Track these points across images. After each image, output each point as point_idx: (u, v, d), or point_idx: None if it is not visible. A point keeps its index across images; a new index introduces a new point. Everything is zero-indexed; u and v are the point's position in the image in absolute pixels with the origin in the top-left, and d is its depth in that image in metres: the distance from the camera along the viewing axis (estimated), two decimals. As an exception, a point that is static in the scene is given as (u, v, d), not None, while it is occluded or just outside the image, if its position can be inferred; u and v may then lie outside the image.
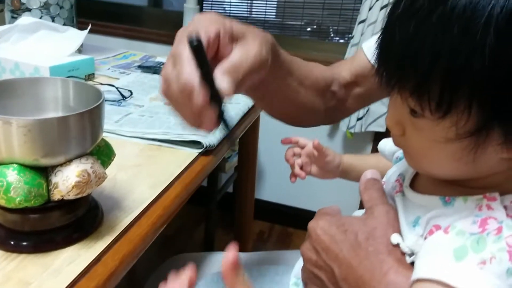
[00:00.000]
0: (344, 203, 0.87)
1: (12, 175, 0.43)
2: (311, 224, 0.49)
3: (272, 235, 1.99)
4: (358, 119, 1.69)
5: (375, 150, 0.64)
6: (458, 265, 0.35)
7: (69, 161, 0.46)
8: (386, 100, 0.54)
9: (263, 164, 1.99)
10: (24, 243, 0.48)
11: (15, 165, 0.43)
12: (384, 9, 1.59)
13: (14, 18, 1.12)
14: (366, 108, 1.68)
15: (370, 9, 1.61)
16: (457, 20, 0.33)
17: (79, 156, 0.46)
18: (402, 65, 0.38)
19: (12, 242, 0.48)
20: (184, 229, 1.94)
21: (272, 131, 1.93)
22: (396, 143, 0.46)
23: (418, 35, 0.35)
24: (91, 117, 0.46)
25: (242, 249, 1.45)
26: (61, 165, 0.45)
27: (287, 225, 2.04)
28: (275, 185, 2.02)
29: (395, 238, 0.44)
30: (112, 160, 0.53)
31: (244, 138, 1.29)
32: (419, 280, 0.37)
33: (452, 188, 0.43)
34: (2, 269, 0.45)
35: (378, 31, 1.60)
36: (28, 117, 0.42)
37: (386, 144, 0.63)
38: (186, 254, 0.84)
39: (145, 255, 0.57)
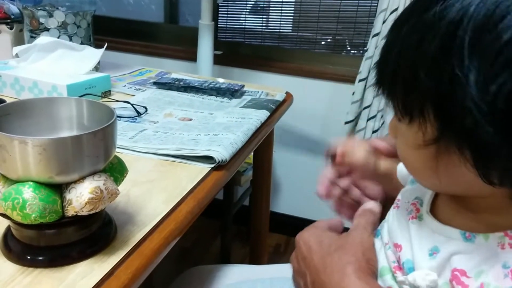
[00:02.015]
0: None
1: (27, 192, 0.44)
2: (297, 236, 0.55)
3: (289, 248, 1.99)
4: (374, 131, 1.68)
5: None
6: None
7: (82, 178, 0.47)
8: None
9: (279, 177, 2.00)
10: (40, 258, 0.50)
11: (31, 183, 0.45)
12: (398, 21, 1.59)
13: (32, 38, 1.15)
14: (382, 121, 1.68)
15: (383, 22, 1.61)
16: (415, 34, 0.37)
17: (92, 173, 0.48)
18: (381, 71, 0.42)
19: (28, 257, 0.50)
20: (200, 242, 1.95)
21: (287, 144, 1.95)
22: (394, 147, 0.49)
23: (393, 43, 0.40)
24: (104, 136, 0.48)
25: (257, 261, 1.46)
26: (74, 182, 0.47)
27: (304, 238, 2.03)
28: (292, 198, 2.02)
29: (400, 276, 0.46)
30: (125, 176, 0.55)
31: (258, 152, 1.30)
32: None
33: (473, 220, 0.43)
34: (18, 283, 0.47)
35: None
36: (43, 137, 0.44)
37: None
38: (202, 267, 0.85)
39: (162, 267, 0.58)
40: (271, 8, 1.97)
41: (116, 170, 0.53)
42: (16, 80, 1.00)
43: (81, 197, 0.46)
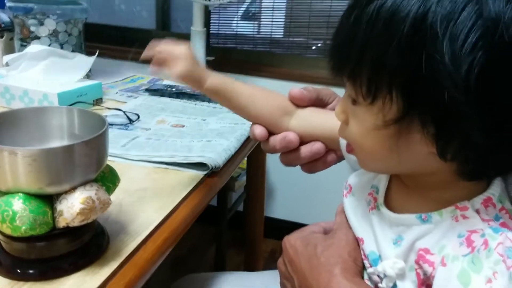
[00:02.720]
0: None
1: (17, 204, 0.44)
2: (284, 239, 0.55)
3: (284, 253, 1.98)
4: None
5: None
6: None
7: (73, 189, 0.46)
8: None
9: (273, 183, 1.99)
10: (31, 271, 0.49)
11: (21, 194, 0.44)
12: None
13: (23, 46, 1.14)
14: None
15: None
16: (383, 14, 0.37)
17: (83, 183, 0.47)
18: (341, 51, 0.42)
19: (18, 271, 0.49)
20: (195, 249, 1.94)
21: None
22: (340, 132, 0.49)
23: (355, 25, 0.39)
24: (95, 145, 0.47)
25: (253, 268, 1.45)
26: (65, 192, 0.46)
27: (299, 243, 2.02)
28: (286, 203, 2.01)
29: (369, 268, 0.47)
30: (117, 185, 0.54)
31: (252, 156, 1.29)
32: None
33: (425, 200, 0.45)
34: (9, 297, 0.46)
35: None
36: (33, 147, 0.43)
37: None
38: (197, 275, 0.84)
39: (157, 275, 0.58)
40: (262, 14, 1.97)
41: (108, 179, 0.52)
42: (6, 89, 0.99)
43: (72, 207, 0.45)
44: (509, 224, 0.40)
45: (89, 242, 0.52)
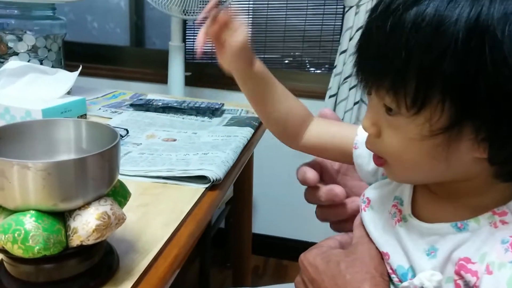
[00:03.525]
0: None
1: (29, 222, 0.40)
2: (300, 257, 0.53)
3: (267, 269, 1.96)
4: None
5: None
6: None
7: (87, 204, 0.44)
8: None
9: (255, 197, 1.97)
10: (39, 295, 0.45)
11: (33, 212, 0.41)
12: (365, 38, 1.63)
13: (1, 63, 1.09)
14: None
15: (350, 39, 1.65)
16: (429, 20, 0.36)
17: (97, 198, 0.45)
18: (380, 62, 0.40)
19: (26, 295, 0.45)
20: (177, 269, 1.89)
21: (265, 165, 1.93)
22: (371, 145, 0.47)
23: (394, 33, 0.38)
24: (109, 157, 0.45)
25: (242, 284, 1.41)
26: (79, 208, 0.43)
27: (282, 257, 2.01)
28: (268, 218, 1.99)
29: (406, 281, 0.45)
30: (128, 200, 0.52)
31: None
32: None
33: (458, 208, 0.43)
34: (18, 324, 0.42)
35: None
36: (46, 160, 0.40)
37: (371, 158, 0.56)
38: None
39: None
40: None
41: (119, 194, 0.50)
42: (-15, 106, 0.94)
43: (87, 224, 0.43)
44: None
45: (99, 262, 0.49)
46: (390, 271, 0.47)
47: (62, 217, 0.44)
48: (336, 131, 0.59)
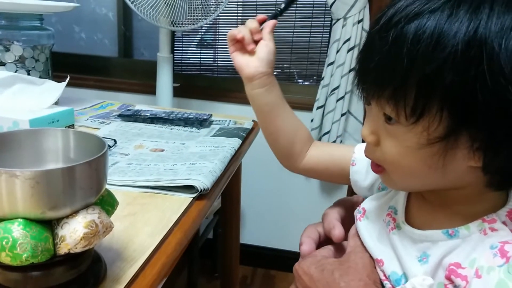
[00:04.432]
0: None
1: (17, 230, 0.41)
2: (295, 266, 0.53)
3: (255, 279, 1.95)
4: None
5: (351, 188, 0.63)
6: None
7: (75, 213, 0.44)
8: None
9: (243, 208, 1.98)
10: (26, 304, 0.45)
11: (20, 220, 0.41)
12: (351, 51, 1.66)
13: (-13, 73, 1.09)
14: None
15: (337, 51, 1.67)
16: (429, 33, 0.38)
17: (84, 207, 0.45)
18: (381, 73, 0.41)
19: (12, 303, 0.45)
20: (164, 281, 1.87)
21: (253, 176, 1.94)
22: (369, 153, 0.48)
23: (396, 44, 0.39)
24: (97, 166, 0.45)
25: (230, 295, 1.41)
26: (67, 217, 0.44)
27: (270, 267, 2.01)
28: (256, 229, 2.00)
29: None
30: (116, 209, 0.52)
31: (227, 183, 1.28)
32: None
33: (450, 216, 0.45)
34: (4, 333, 0.42)
35: (346, 72, 1.67)
36: (34, 169, 0.41)
37: (367, 174, 0.60)
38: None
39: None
40: (218, 43, 1.99)
41: (106, 203, 0.50)
42: (-29, 117, 0.94)
43: (75, 232, 0.43)
44: None
45: (86, 271, 0.49)
46: (383, 277, 0.48)
47: (49, 225, 0.44)
48: (334, 150, 0.64)
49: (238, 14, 1.91)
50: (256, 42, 0.62)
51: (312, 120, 1.77)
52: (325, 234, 0.60)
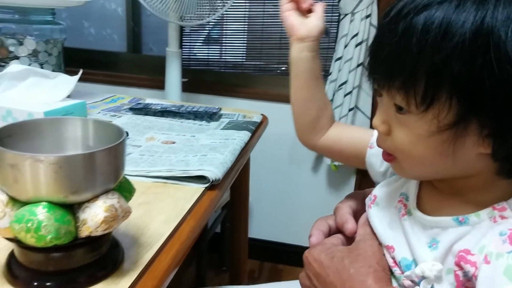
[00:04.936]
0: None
1: (42, 213, 0.43)
2: (305, 253, 0.55)
3: (263, 273, 1.97)
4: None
5: (359, 182, 0.65)
6: None
7: (96, 197, 0.46)
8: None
9: (251, 202, 1.99)
10: (48, 284, 0.47)
11: (44, 203, 0.43)
12: (359, 46, 1.67)
13: (1, 67, 1.11)
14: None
15: (345, 46, 1.68)
16: (438, 24, 0.39)
17: (104, 192, 0.47)
18: (392, 63, 0.43)
19: (35, 284, 0.47)
20: (172, 273, 1.90)
21: (261, 170, 1.95)
22: (381, 143, 0.50)
23: (406, 35, 0.41)
24: (116, 153, 0.47)
25: (238, 288, 1.43)
26: (88, 201, 0.46)
27: (277, 262, 2.02)
28: (263, 222, 2.01)
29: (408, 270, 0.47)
30: (133, 195, 0.54)
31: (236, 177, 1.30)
32: None
33: (460, 204, 0.46)
34: (29, 312, 0.44)
35: (354, 67, 1.68)
36: (58, 154, 0.43)
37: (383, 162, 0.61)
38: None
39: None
40: (224, 39, 2.00)
41: (124, 189, 0.52)
42: (-13, 109, 0.96)
43: (96, 216, 0.45)
44: None
45: (106, 254, 0.51)
46: (392, 264, 0.50)
47: (71, 209, 0.46)
48: (354, 132, 0.66)
49: (246, 10, 1.92)
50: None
51: (319, 115, 1.78)
52: (335, 227, 0.61)
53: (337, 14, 1.79)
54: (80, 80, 1.91)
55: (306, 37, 0.63)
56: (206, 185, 0.75)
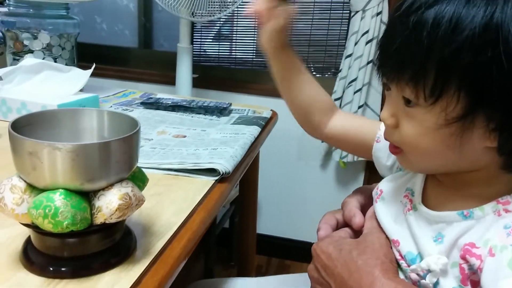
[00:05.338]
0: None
1: (59, 199, 0.44)
2: (313, 245, 0.56)
3: (270, 268, 1.99)
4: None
5: (367, 179, 0.66)
6: None
7: (110, 186, 0.47)
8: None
9: (259, 198, 2.01)
10: (63, 269, 0.49)
11: (62, 190, 0.45)
12: (369, 43, 1.67)
13: (16, 60, 1.14)
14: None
15: (356, 44, 1.69)
16: (448, 18, 0.40)
17: (119, 181, 0.48)
18: (402, 56, 0.43)
19: (51, 269, 0.48)
20: (181, 267, 1.91)
21: (270, 166, 1.96)
22: (388, 136, 0.50)
23: (417, 28, 0.41)
24: (131, 143, 0.48)
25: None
26: (103, 189, 0.47)
27: (285, 257, 2.04)
28: (271, 218, 2.02)
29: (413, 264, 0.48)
30: (146, 185, 0.55)
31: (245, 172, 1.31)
32: None
33: (465, 198, 0.47)
34: (46, 295, 0.46)
35: (364, 64, 1.68)
36: (75, 143, 0.44)
37: (390, 155, 0.62)
38: (206, 281, 0.85)
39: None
40: (234, 35, 2.01)
41: (138, 179, 0.53)
42: (3, 101, 0.98)
43: (111, 203, 0.46)
44: None
45: (119, 242, 0.52)
46: (399, 257, 0.51)
47: (87, 196, 0.47)
48: (361, 123, 0.65)
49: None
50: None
51: (328, 112, 1.78)
52: (343, 221, 0.62)
53: (348, 11, 1.80)
54: (92, 75, 1.93)
55: (264, 47, 0.66)
56: (216, 177, 0.76)
